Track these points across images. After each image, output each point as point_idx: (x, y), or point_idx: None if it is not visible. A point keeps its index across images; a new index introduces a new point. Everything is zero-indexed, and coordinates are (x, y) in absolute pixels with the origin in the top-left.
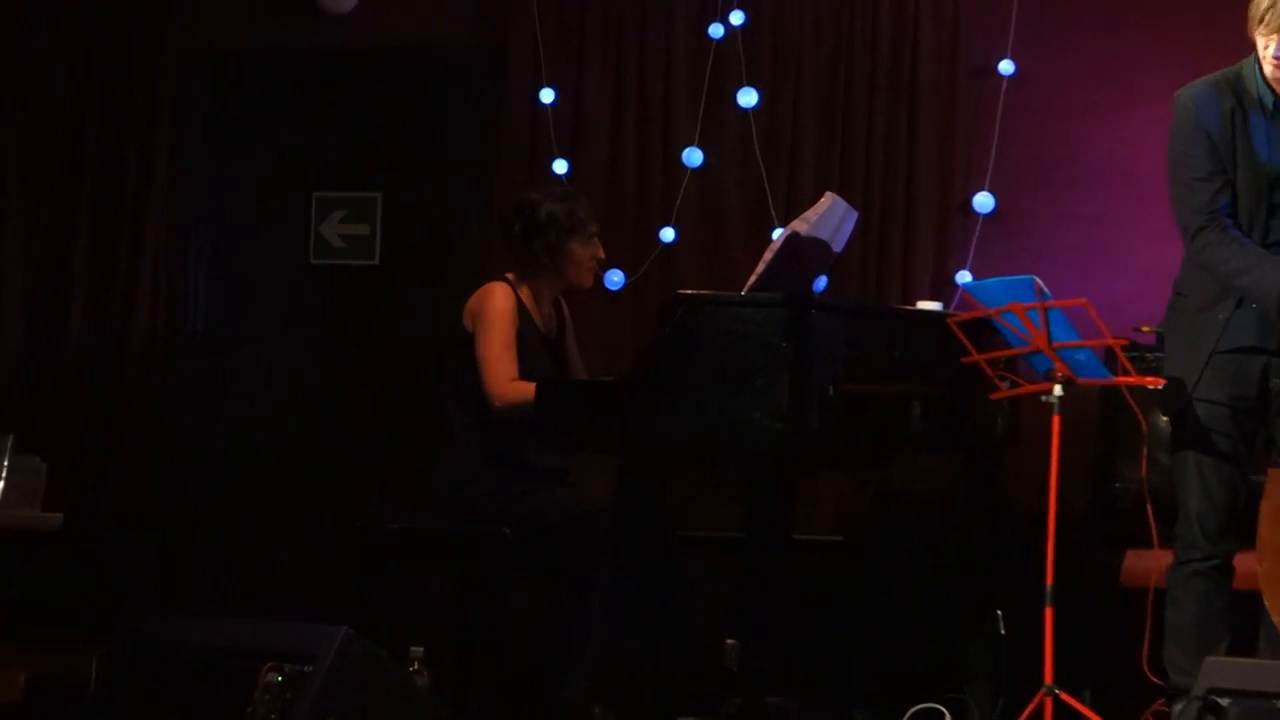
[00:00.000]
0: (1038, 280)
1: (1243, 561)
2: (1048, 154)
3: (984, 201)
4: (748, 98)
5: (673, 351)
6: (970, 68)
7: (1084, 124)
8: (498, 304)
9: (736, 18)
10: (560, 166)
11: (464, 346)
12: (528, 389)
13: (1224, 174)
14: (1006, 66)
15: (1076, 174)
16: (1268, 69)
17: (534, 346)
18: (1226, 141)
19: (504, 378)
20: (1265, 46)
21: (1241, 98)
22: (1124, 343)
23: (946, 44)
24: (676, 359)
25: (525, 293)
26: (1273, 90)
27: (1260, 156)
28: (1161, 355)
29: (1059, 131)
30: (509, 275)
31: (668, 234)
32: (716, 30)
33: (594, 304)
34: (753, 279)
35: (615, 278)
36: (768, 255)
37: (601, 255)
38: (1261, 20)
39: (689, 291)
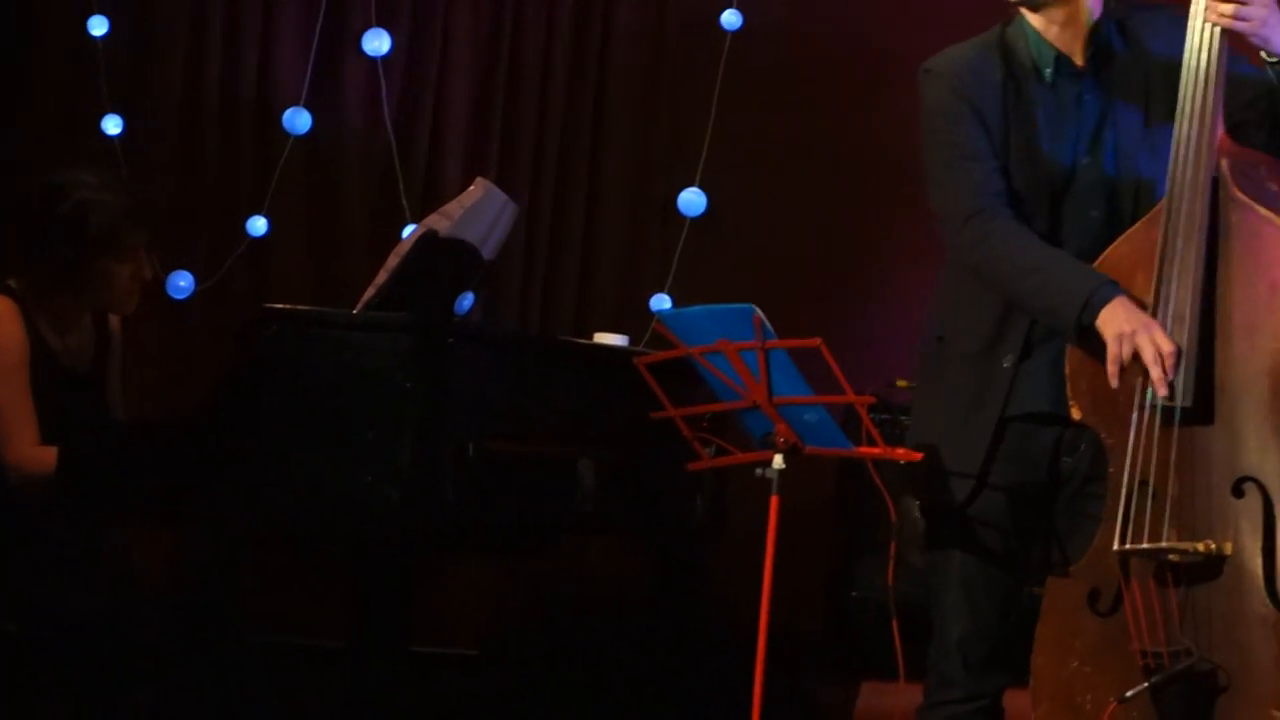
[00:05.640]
0: (758, 311)
1: (1013, 700)
2: (781, 139)
3: (693, 201)
4: (377, 42)
5: (255, 385)
6: (682, 19)
7: (837, 98)
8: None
9: None
10: (112, 125)
11: None
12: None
13: (998, 157)
14: (731, 19)
15: (819, 167)
16: None
17: (52, 391)
18: (998, 125)
19: (24, 441)
20: None
21: (1012, 66)
22: (871, 400)
23: None
24: (260, 396)
25: (38, 310)
26: (1052, 46)
27: (1042, 146)
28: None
29: (799, 108)
30: (11, 283)
31: (258, 225)
32: None
33: (152, 317)
34: (371, 292)
35: (183, 283)
36: (393, 261)
37: (147, 276)
38: None
39: (280, 305)
